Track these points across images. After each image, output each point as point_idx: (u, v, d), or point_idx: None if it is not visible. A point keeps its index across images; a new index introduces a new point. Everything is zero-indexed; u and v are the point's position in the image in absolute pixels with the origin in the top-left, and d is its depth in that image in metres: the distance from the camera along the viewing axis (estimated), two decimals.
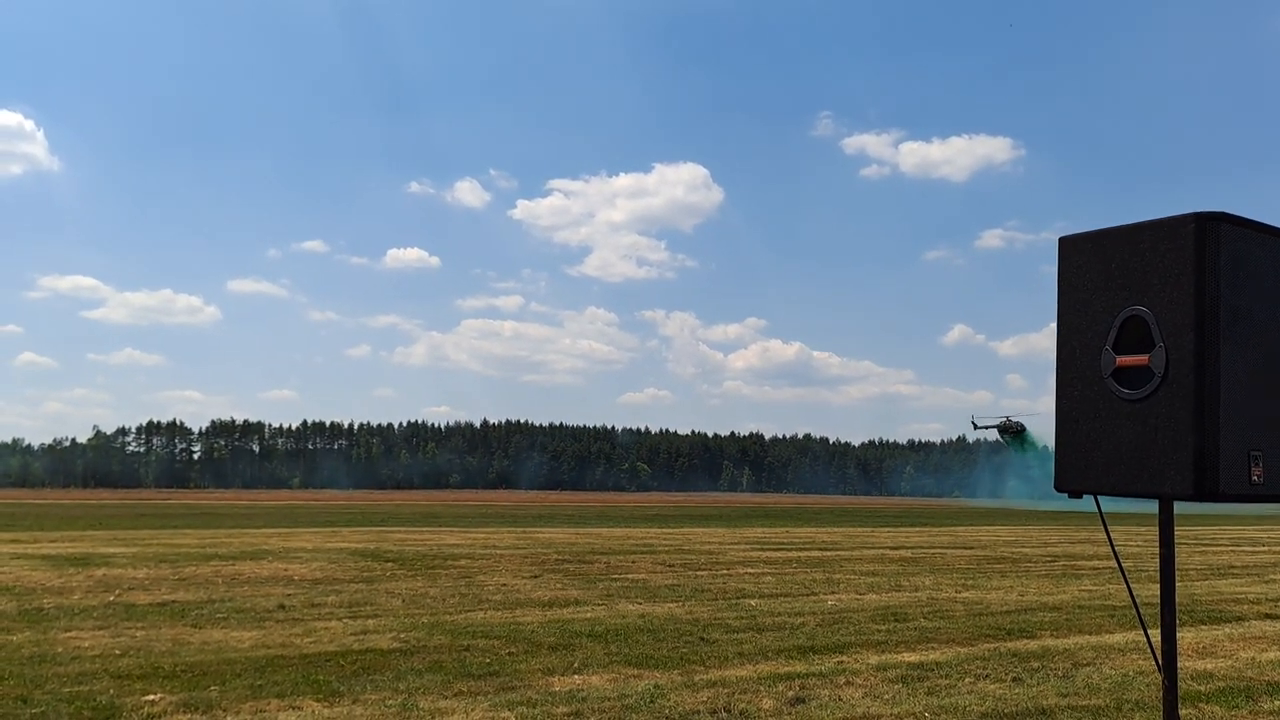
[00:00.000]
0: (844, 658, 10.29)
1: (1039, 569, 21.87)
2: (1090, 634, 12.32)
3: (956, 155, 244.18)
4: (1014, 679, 9.39)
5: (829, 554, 25.19)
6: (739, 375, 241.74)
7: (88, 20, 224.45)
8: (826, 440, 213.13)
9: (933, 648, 11.05)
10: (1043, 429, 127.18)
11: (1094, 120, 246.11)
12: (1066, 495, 3.51)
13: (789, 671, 9.48)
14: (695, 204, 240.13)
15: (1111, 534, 4.11)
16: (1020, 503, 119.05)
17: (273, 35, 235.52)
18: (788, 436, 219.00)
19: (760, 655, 10.34)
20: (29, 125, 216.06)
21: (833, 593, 16.12)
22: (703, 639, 11.24)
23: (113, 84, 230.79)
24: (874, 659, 10.24)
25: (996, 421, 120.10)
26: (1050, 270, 3.33)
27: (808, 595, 15.71)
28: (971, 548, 29.14)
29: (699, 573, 19.21)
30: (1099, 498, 3.54)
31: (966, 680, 9.29)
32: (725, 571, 19.58)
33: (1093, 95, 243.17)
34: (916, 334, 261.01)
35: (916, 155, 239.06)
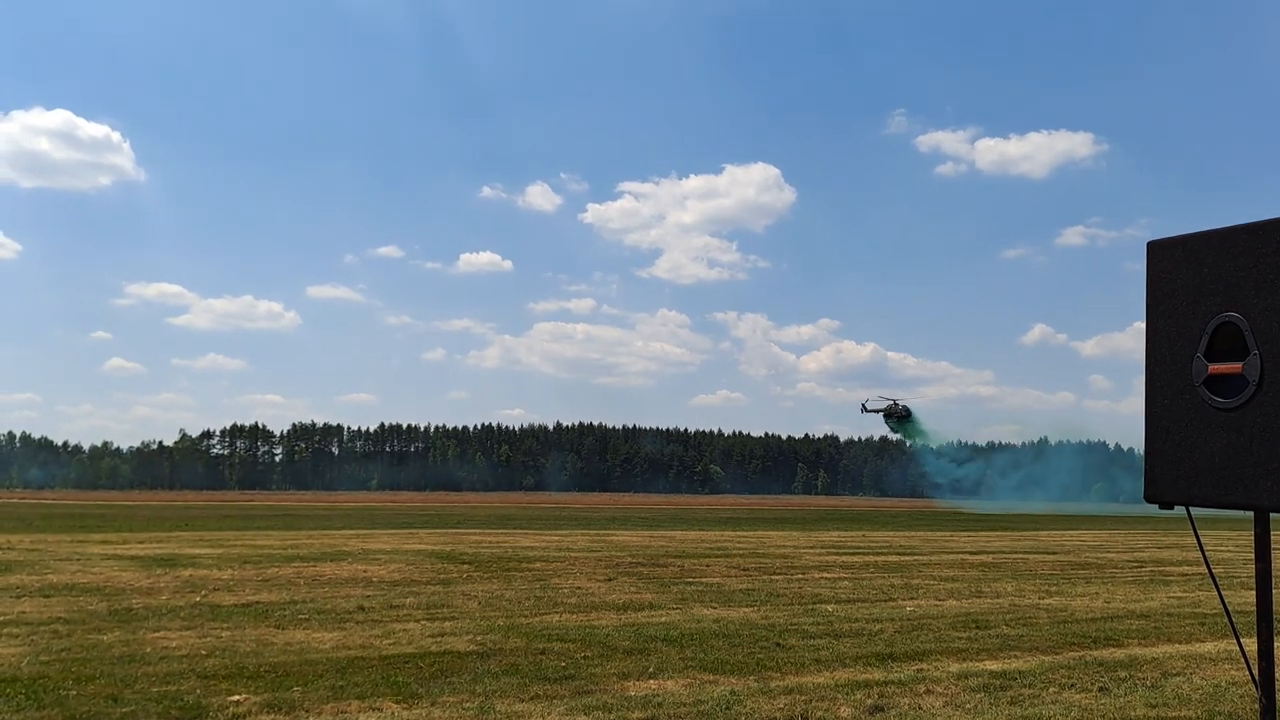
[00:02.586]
0: (924, 665, 10.13)
1: (1125, 575, 21.29)
2: (1180, 643, 11.95)
3: (1036, 151, 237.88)
4: (1100, 689, 9.15)
5: (907, 558, 24.83)
6: (812, 377, 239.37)
7: (171, 34, 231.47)
8: (903, 443, 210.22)
9: (1016, 656, 10.82)
10: (924, 412, 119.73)
11: (1180, 114, 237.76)
12: (1157, 506, 3.39)
13: (867, 679, 9.35)
14: (767, 204, 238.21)
15: (1201, 538, 3.97)
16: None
17: (347, 45, 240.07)
18: (863, 439, 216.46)
19: (837, 662, 10.23)
20: (116, 137, 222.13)
21: (911, 598, 15.88)
22: (778, 644, 11.15)
23: (195, 96, 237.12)
24: (955, 667, 10.06)
25: (884, 405, 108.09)
26: (1135, 268, 3.24)
27: (886, 601, 15.50)
28: (1055, 553, 28.48)
29: (774, 577, 19.09)
30: (1191, 509, 3.41)
31: (1051, 690, 9.08)
32: (801, 576, 19.41)
33: (1178, 88, 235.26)
34: (995, 334, 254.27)
35: (994, 152, 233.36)
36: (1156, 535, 41.08)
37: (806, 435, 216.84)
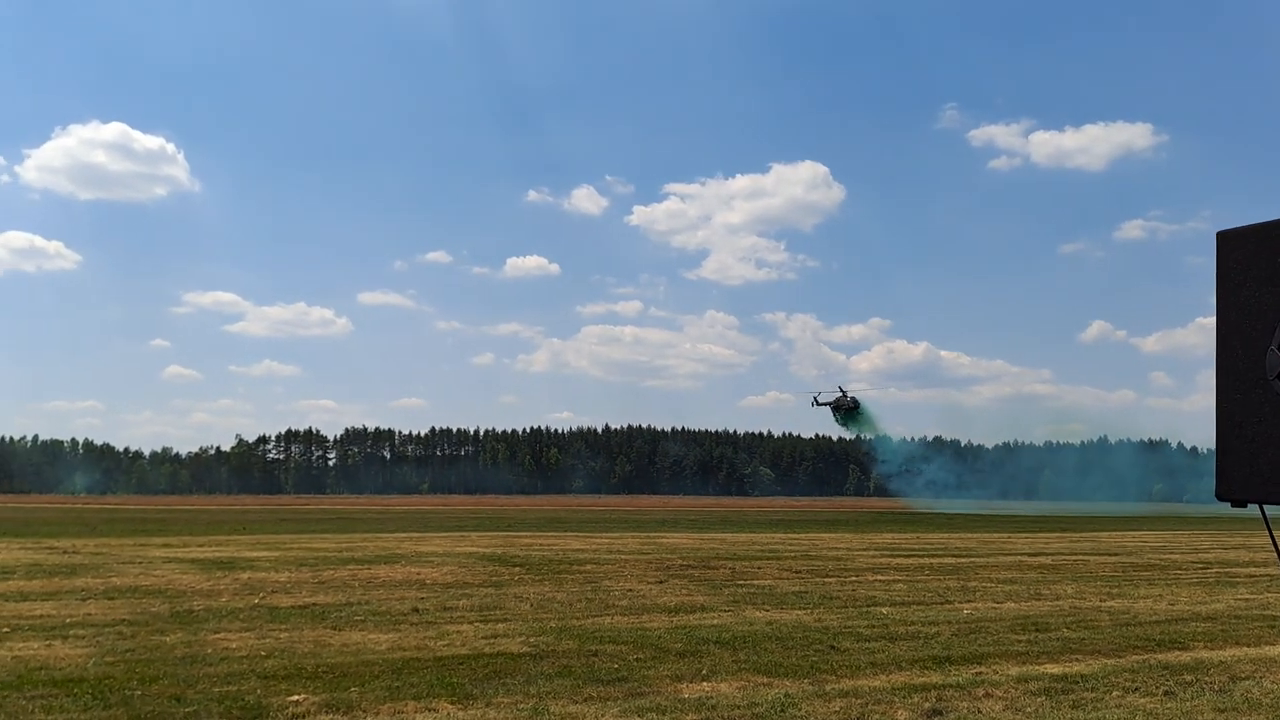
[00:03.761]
0: (982, 669, 9.97)
1: (1190, 576, 20.82)
2: (1249, 645, 11.64)
3: (1092, 143, 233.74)
4: (1166, 692, 8.94)
5: (963, 560, 24.51)
6: (863, 377, 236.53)
7: (221, 46, 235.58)
8: (957, 443, 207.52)
9: (1077, 659, 10.62)
10: (875, 405, 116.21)
11: (1241, 101, 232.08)
12: (1229, 504, 3.30)
13: (924, 682, 9.23)
14: (815, 203, 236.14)
15: (1276, 537, 3.85)
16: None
17: (394, 55, 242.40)
18: (915, 439, 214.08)
19: (894, 665, 10.11)
20: (170, 149, 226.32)
21: (968, 601, 15.67)
22: (833, 647, 11.05)
23: (246, 107, 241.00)
24: (1014, 670, 9.90)
25: (833, 397, 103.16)
26: (1198, 261, 3.16)
27: (942, 603, 15.30)
28: (1116, 554, 27.95)
29: (827, 579, 18.94)
30: (1265, 506, 3.31)
31: (1114, 693, 8.89)
32: (854, 578, 19.24)
33: (1239, 73, 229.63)
34: (1052, 331, 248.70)
35: (1049, 145, 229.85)
36: (1221, 535, 40.16)
37: (858, 436, 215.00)
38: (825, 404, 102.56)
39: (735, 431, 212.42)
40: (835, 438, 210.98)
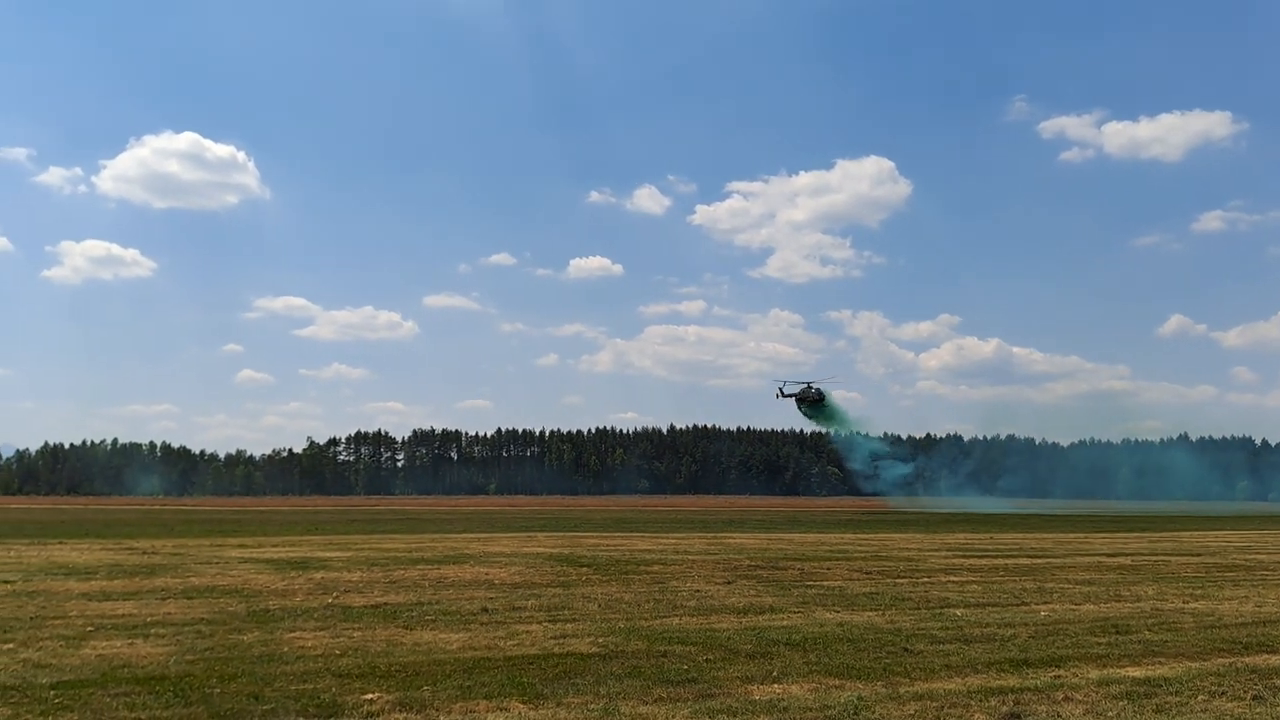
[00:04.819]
0: (1061, 672, 9.74)
1: (1277, 577, 20.14)
2: None
3: (1168, 133, 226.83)
4: (1254, 697, 8.65)
5: (1039, 561, 24.00)
6: (932, 374, 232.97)
7: (289, 55, 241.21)
8: (1031, 441, 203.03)
9: (1160, 662, 10.32)
10: (846, 397, 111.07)
11: None
12: None
13: (1001, 685, 9.04)
14: (881, 198, 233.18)
15: None
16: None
17: (455, 61, 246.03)
18: (988, 438, 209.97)
19: (969, 668, 9.92)
20: (241, 157, 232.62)
21: (1045, 602, 15.33)
22: (906, 649, 10.88)
23: (313, 115, 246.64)
24: (1094, 673, 9.65)
25: (798, 388, 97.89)
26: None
27: (1018, 605, 14.99)
28: (1198, 554, 27.16)
29: (898, 580, 18.67)
30: None
31: (1199, 698, 8.62)
32: (926, 579, 18.95)
33: None
34: (1129, 326, 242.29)
35: (1123, 135, 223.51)
36: None
37: (928, 435, 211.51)
38: (790, 395, 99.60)
39: (801, 431, 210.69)
40: (904, 436, 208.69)
